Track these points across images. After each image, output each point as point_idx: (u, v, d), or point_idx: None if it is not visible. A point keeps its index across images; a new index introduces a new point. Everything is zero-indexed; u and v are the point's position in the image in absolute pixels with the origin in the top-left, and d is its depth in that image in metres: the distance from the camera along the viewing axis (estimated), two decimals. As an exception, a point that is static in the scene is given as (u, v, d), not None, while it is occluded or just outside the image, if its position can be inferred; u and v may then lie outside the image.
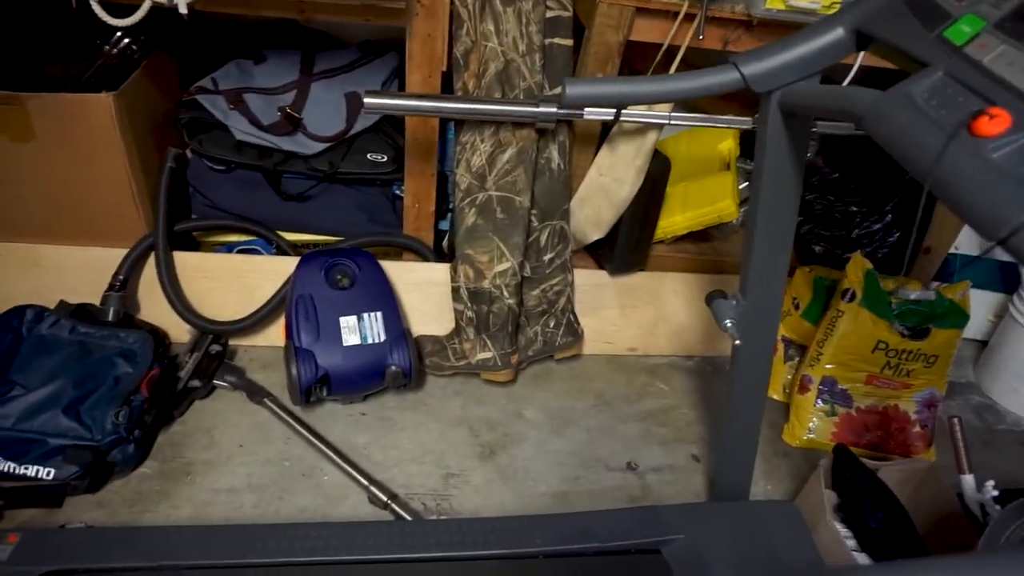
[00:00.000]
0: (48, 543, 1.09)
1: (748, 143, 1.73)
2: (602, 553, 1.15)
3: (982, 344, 1.88)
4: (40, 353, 1.33)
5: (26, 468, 1.22)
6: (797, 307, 1.67)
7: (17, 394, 1.25)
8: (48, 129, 1.41)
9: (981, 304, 1.85)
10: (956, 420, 1.32)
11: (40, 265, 1.54)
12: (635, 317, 1.73)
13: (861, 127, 0.61)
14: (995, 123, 0.51)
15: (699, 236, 1.76)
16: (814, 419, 1.57)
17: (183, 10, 1.20)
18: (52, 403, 1.26)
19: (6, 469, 1.22)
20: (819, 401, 1.57)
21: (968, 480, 1.24)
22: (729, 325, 1.00)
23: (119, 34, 1.54)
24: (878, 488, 1.24)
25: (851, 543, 1.17)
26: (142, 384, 1.34)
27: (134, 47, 1.57)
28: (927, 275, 1.77)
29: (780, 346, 1.70)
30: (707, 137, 1.79)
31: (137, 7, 1.20)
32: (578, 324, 1.63)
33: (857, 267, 1.53)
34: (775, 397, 1.69)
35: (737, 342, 1.01)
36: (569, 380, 1.67)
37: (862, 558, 1.13)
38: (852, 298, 1.51)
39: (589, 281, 1.69)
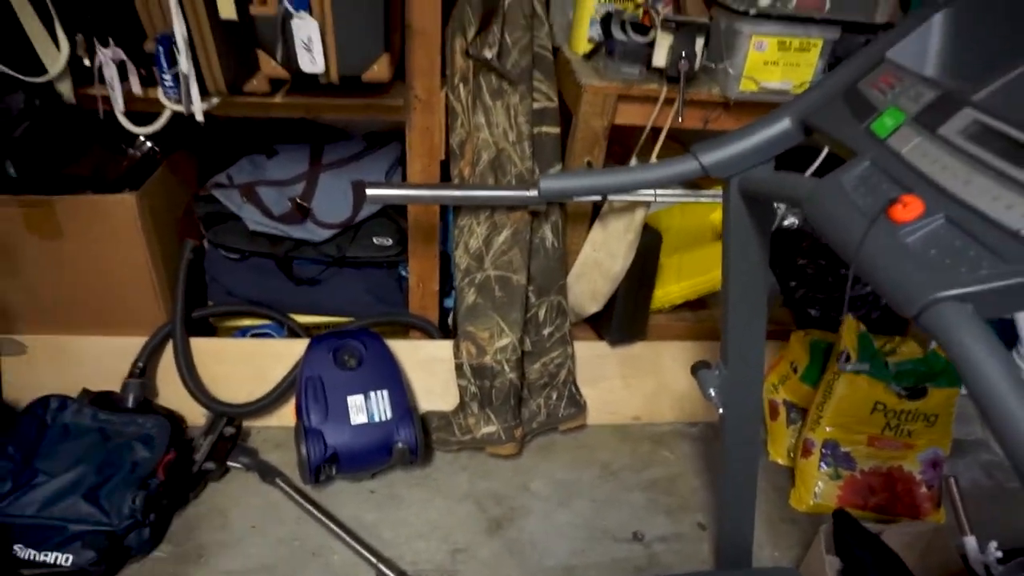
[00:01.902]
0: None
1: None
2: (606, 626, 1.16)
3: (989, 401, 1.88)
4: (63, 440, 1.39)
5: (46, 555, 1.26)
6: (796, 371, 1.69)
7: (40, 481, 1.31)
8: (74, 228, 1.51)
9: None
10: (952, 480, 1.33)
11: (65, 354, 1.61)
12: (638, 386, 1.77)
13: (803, 211, 0.67)
14: (908, 210, 0.56)
15: (696, 304, 1.81)
16: (819, 483, 1.58)
17: (200, 118, 1.31)
18: (73, 489, 1.31)
19: (27, 557, 1.26)
20: (823, 464, 1.58)
21: (970, 542, 1.24)
22: (713, 394, 1.04)
23: (141, 137, 1.66)
24: (883, 552, 1.24)
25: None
26: (159, 468, 1.39)
27: (156, 149, 1.69)
28: (926, 336, 1.79)
29: (782, 410, 1.72)
30: (699, 208, 1.85)
31: (158, 115, 1.32)
32: (580, 395, 1.67)
33: (850, 331, 1.57)
34: (780, 462, 1.70)
35: (720, 410, 1.04)
36: (574, 451, 1.69)
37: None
38: (847, 360, 1.54)
39: (590, 352, 1.73)
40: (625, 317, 1.66)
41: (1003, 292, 0.49)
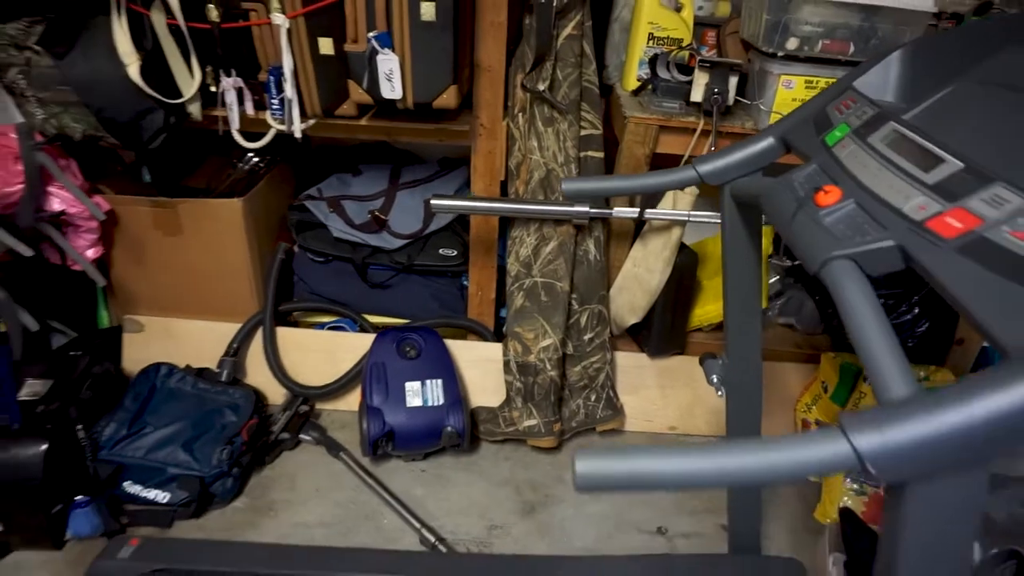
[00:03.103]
0: (160, 548, 1.35)
1: (780, 240, 1.91)
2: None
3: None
4: (168, 401, 1.64)
5: (148, 492, 1.50)
6: (826, 390, 1.77)
7: (148, 431, 1.56)
8: (190, 226, 1.79)
9: (1028, 398, 1.88)
10: None
11: (173, 334, 1.89)
12: (674, 397, 1.88)
13: (761, 205, 0.82)
14: (829, 196, 0.71)
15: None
16: (845, 498, 1.64)
17: (298, 135, 1.56)
18: (174, 439, 1.55)
19: (134, 492, 1.50)
20: (848, 480, 1.64)
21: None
22: (715, 380, 1.16)
23: (249, 154, 1.95)
24: (869, 537, 1.31)
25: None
26: (243, 430, 1.62)
27: (261, 164, 1.98)
28: (963, 366, 1.84)
29: (814, 428, 1.79)
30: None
31: (265, 133, 1.58)
32: (617, 400, 1.81)
33: (877, 351, 1.64)
34: (811, 478, 1.77)
35: (720, 394, 1.17)
36: (610, 452, 1.82)
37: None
38: (873, 380, 1.61)
39: (631, 362, 1.87)
40: (663, 330, 1.79)
41: (878, 252, 0.63)
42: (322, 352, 1.89)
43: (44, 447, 1.39)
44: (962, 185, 0.61)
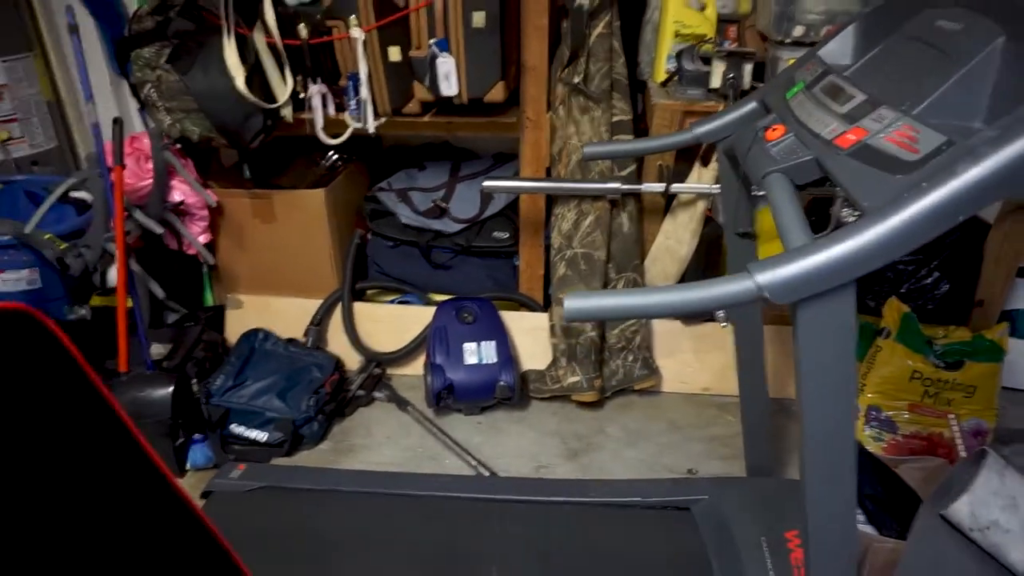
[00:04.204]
0: (262, 471, 1.64)
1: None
2: (643, 507, 1.48)
3: (1062, 399, 1.97)
4: (265, 360, 1.94)
5: (250, 432, 1.79)
6: (849, 350, 1.92)
7: (249, 382, 1.85)
8: (283, 214, 2.10)
9: (1055, 360, 1.97)
10: (954, 419, 1.51)
11: (267, 309, 2.20)
12: (708, 361, 2.06)
13: (733, 148, 1.03)
14: (775, 132, 0.91)
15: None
16: (863, 445, 1.78)
17: (372, 131, 1.84)
18: (270, 389, 1.84)
19: (239, 432, 1.80)
20: (867, 428, 1.78)
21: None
22: (721, 314, 1.36)
23: (330, 153, 2.25)
24: (897, 485, 1.46)
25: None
26: (326, 383, 1.90)
27: (339, 162, 2.28)
28: (984, 326, 1.94)
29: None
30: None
31: (343, 132, 1.87)
32: (654, 361, 2.00)
33: (892, 309, 1.79)
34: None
35: (724, 325, 1.36)
36: (647, 409, 2.01)
37: (860, 519, 1.36)
38: (888, 335, 1.76)
39: (667, 328, 2.06)
40: (695, 298, 1.98)
41: (801, 165, 0.83)
42: (392, 323, 2.16)
43: (171, 388, 1.70)
44: (860, 111, 0.81)
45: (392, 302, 2.24)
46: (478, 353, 1.93)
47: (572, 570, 1.35)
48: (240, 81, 1.74)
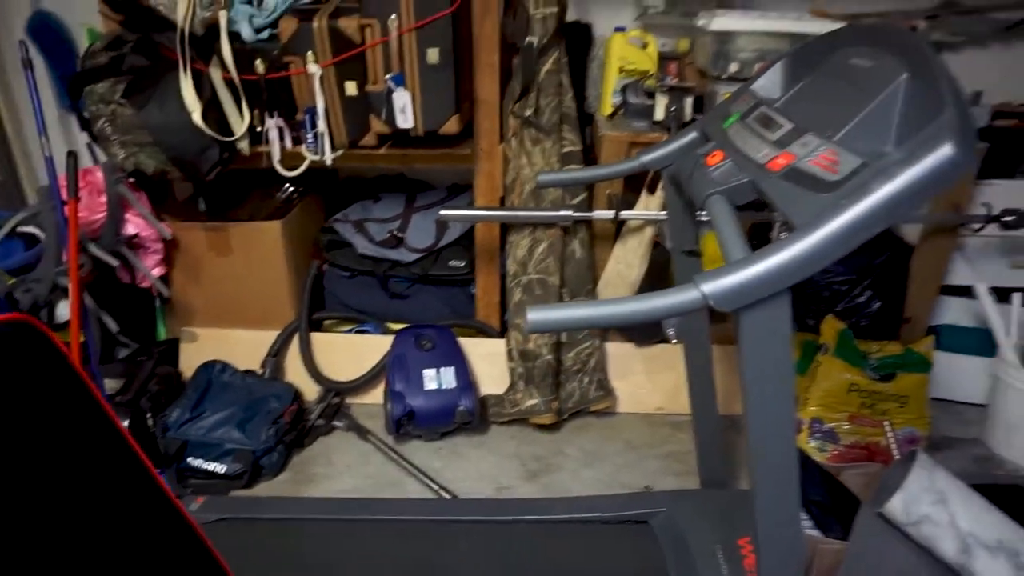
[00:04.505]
0: (221, 503, 1.62)
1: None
2: (603, 522, 1.52)
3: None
4: (223, 391, 1.93)
5: (208, 464, 1.78)
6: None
7: (207, 414, 1.84)
8: (238, 247, 2.11)
9: (979, 369, 2.11)
10: (888, 426, 1.61)
11: (222, 342, 2.18)
12: (660, 381, 2.13)
13: (677, 174, 1.11)
14: (714, 158, 0.99)
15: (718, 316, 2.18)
16: (809, 456, 1.87)
17: (329, 163, 1.88)
18: (228, 421, 1.83)
19: (196, 464, 1.78)
20: (811, 439, 1.88)
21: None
22: (671, 331, 1.43)
23: (286, 185, 2.28)
24: (838, 491, 1.54)
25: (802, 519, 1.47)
26: (285, 413, 1.90)
27: (295, 195, 2.30)
28: (912, 340, 2.07)
29: (783, 401, 2.03)
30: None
31: (300, 164, 1.90)
32: (608, 382, 2.06)
33: (829, 326, 1.90)
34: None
35: (674, 341, 1.43)
36: (604, 430, 2.07)
37: (806, 522, 1.44)
38: (826, 351, 1.87)
39: (620, 352, 2.13)
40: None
41: (739, 187, 0.91)
42: (350, 352, 2.17)
43: (125, 423, 1.68)
44: (789, 138, 0.90)
45: (350, 331, 2.25)
46: (437, 379, 1.96)
47: (537, 585, 1.38)
48: (197, 115, 1.76)
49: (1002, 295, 2.03)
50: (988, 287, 2.04)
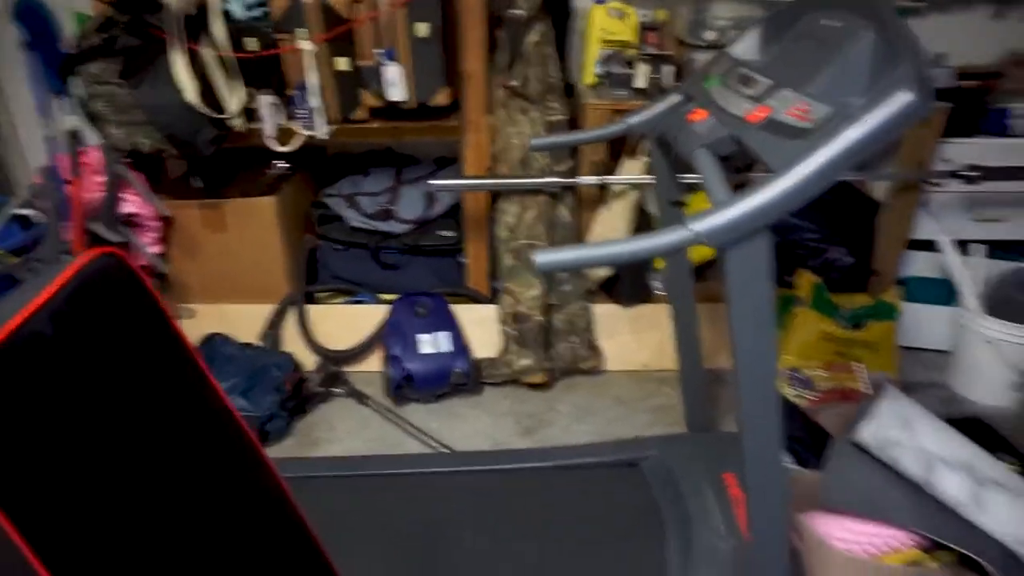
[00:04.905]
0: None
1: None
2: (596, 467, 1.62)
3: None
4: (225, 363, 1.99)
5: (216, 430, 1.84)
6: (769, 320, 2.13)
7: (212, 383, 1.90)
8: (234, 223, 2.16)
9: (943, 318, 2.24)
10: (861, 368, 1.73)
11: (223, 317, 2.24)
12: (646, 340, 2.23)
13: (663, 134, 1.19)
14: (698, 116, 1.08)
15: (697, 272, 2.28)
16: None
17: (323, 136, 1.94)
18: (232, 390, 1.90)
19: (204, 431, 1.84)
20: (791, 387, 1.99)
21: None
22: (658, 284, 1.53)
23: (277, 162, 2.32)
24: (799, 415, 1.66)
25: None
26: (286, 382, 1.97)
27: (287, 172, 2.35)
28: (880, 291, 2.19)
29: (762, 354, 2.14)
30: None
31: (293, 140, 1.96)
32: (597, 343, 2.16)
33: (804, 281, 2.01)
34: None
35: (660, 291, 1.52)
36: (593, 388, 2.17)
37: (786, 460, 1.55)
38: (802, 304, 1.98)
39: (607, 313, 2.22)
40: (630, 282, 2.15)
41: (721, 140, 1.00)
42: (345, 323, 2.24)
43: (135, 392, 1.74)
44: (766, 93, 0.99)
45: (344, 303, 2.32)
46: (433, 343, 2.04)
47: (536, 526, 1.48)
48: (191, 94, 1.81)
49: (965, 248, 2.16)
50: (951, 240, 2.17)
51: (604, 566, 1.36)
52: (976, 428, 1.76)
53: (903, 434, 1.27)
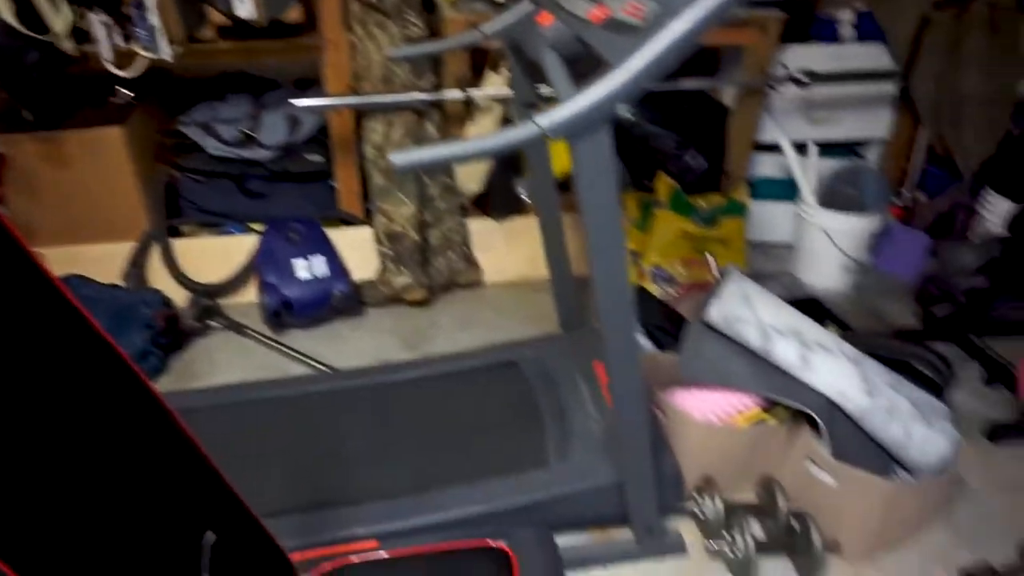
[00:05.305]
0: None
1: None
2: (477, 369, 1.71)
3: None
4: (87, 304, 1.88)
5: (84, 374, 1.77)
6: (633, 224, 2.26)
7: (74, 327, 1.81)
8: (77, 157, 2.01)
9: (787, 214, 2.46)
10: (711, 257, 1.90)
11: (77, 259, 2.10)
12: (520, 252, 2.31)
13: (514, 42, 1.22)
14: (545, 19, 1.12)
15: (565, 185, 2.36)
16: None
17: (167, 58, 1.82)
18: (98, 331, 1.82)
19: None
20: (654, 284, 2.15)
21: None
22: (523, 192, 1.59)
23: (121, 90, 2.15)
24: (660, 306, 1.81)
25: (646, 343, 1.73)
26: (157, 318, 1.91)
27: (133, 101, 2.19)
28: (731, 190, 2.37)
29: (629, 257, 2.28)
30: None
31: (136, 66, 1.83)
32: (473, 257, 2.22)
33: (662, 184, 2.14)
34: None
35: (525, 197, 1.59)
36: (473, 301, 2.24)
37: (649, 345, 1.70)
38: (661, 206, 2.11)
39: (482, 228, 2.28)
40: (502, 196, 2.21)
41: (566, 39, 1.05)
42: (215, 255, 2.18)
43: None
44: (604, -8, 1.04)
45: (213, 236, 2.24)
46: (309, 268, 2.02)
47: (423, 429, 1.55)
48: (5, 11, 1.64)
49: (803, 149, 2.36)
50: (791, 141, 2.36)
51: (489, 456, 1.46)
52: (812, 306, 1.98)
53: (745, 311, 1.42)
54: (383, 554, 0.95)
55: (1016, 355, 1.86)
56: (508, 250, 2.31)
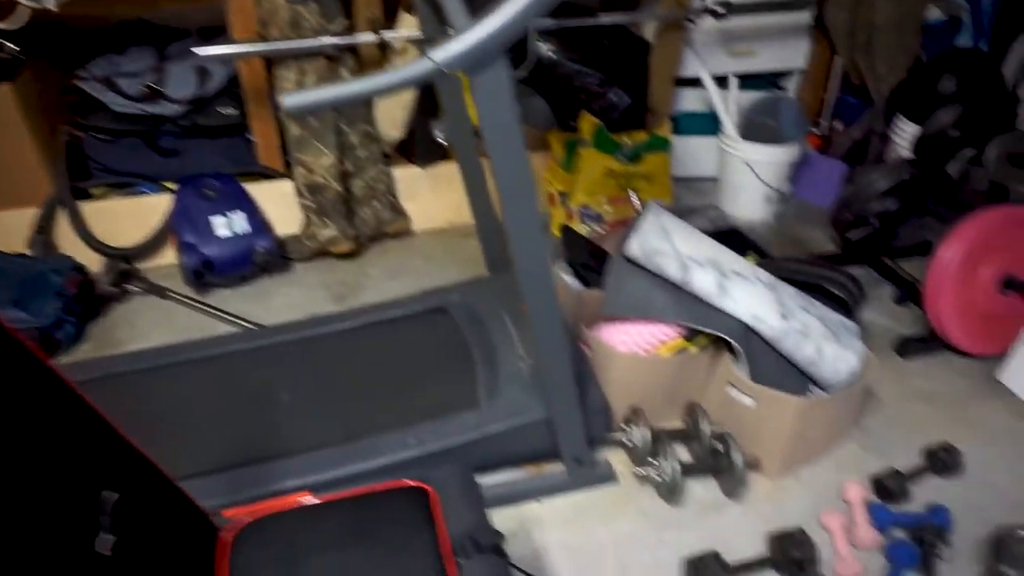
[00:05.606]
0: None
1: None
2: (406, 317, 1.70)
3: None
4: (-12, 275, 1.80)
5: (-6, 348, 1.69)
6: (558, 163, 2.26)
7: (-24, 299, 1.73)
8: (-37, 119, 1.88)
9: (711, 148, 2.49)
10: (633, 193, 1.92)
11: (-25, 228, 1.99)
12: (446, 198, 2.28)
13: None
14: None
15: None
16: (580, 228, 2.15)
17: (52, 7, 1.70)
18: (3, 305, 1.73)
19: (-21, 350, 1.69)
20: (582, 223, 2.16)
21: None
22: (439, 134, 1.57)
23: (5, 42, 2.01)
24: (586, 244, 1.83)
25: (572, 281, 1.74)
26: (69, 285, 1.83)
27: (21, 57, 2.04)
28: (654, 127, 2.38)
29: (556, 197, 2.28)
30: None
31: (15, 15, 1.70)
32: (400, 205, 2.18)
33: (586, 122, 2.13)
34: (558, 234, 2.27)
35: (442, 140, 1.57)
36: (402, 250, 2.22)
37: (576, 284, 1.72)
38: (585, 144, 2.11)
39: (407, 175, 2.24)
40: (423, 142, 2.16)
41: None
42: (129, 217, 2.08)
43: None
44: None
45: (124, 197, 2.14)
46: (229, 225, 1.96)
47: (356, 377, 1.54)
48: None
49: (724, 82, 2.37)
50: (712, 75, 2.37)
51: (420, 402, 1.46)
52: (733, 236, 2.03)
53: (664, 243, 1.44)
54: (303, 502, 0.95)
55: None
56: (435, 196, 2.28)
